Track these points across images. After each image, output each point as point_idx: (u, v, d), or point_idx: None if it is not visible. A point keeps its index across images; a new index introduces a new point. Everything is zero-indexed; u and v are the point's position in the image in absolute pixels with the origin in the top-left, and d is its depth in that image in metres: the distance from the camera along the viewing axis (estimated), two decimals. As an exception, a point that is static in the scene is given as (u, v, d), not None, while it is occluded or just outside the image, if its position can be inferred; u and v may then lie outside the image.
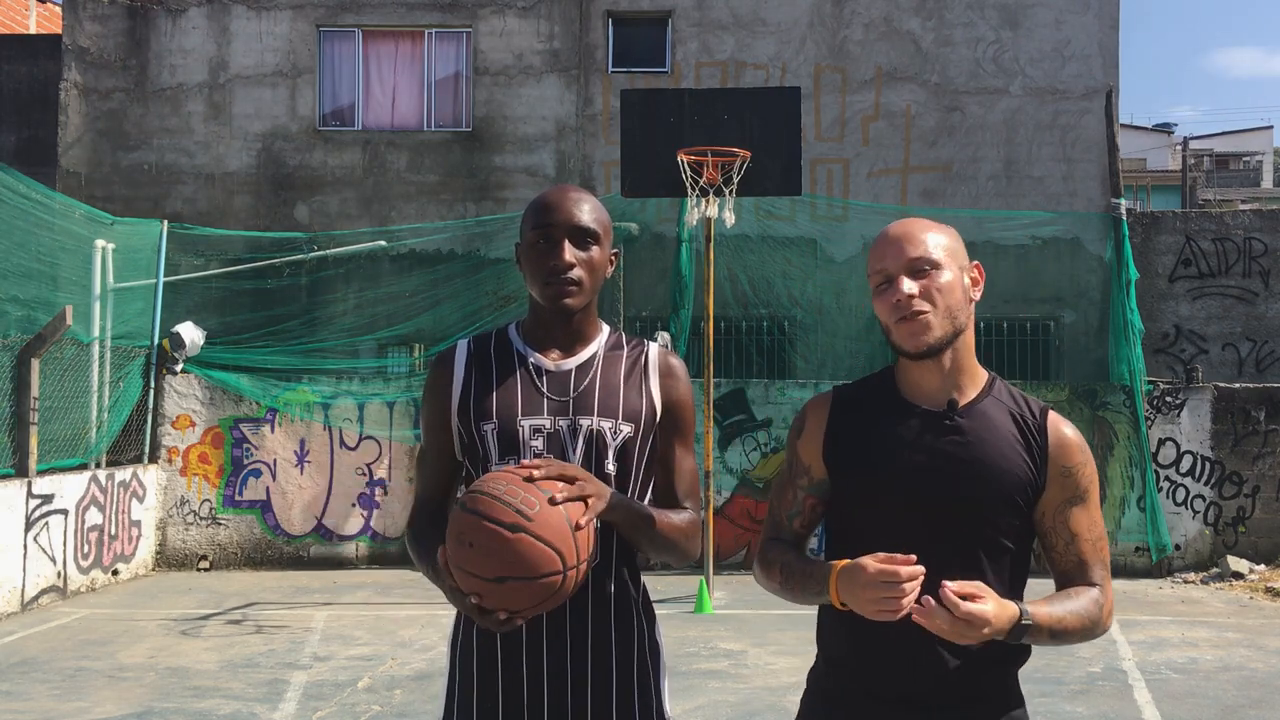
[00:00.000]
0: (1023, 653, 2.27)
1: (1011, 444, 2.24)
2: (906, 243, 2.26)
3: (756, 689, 7.18)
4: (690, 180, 9.63)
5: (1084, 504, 2.27)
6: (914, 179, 15.03)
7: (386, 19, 15.33)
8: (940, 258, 2.25)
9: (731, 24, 15.13)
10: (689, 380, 2.59)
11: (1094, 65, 15.01)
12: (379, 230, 14.21)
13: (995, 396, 2.30)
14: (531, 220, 2.50)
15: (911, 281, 2.22)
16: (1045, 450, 2.25)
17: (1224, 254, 14.83)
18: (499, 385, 2.49)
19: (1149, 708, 6.84)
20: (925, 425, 2.26)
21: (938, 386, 2.28)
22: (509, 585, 2.16)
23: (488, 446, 2.45)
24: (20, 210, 10.70)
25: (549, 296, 2.46)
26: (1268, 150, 47.08)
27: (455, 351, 2.56)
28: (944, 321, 2.23)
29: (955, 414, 2.26)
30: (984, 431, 2.24)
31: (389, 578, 11.58)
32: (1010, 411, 2.29)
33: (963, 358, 2.29)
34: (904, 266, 2.24)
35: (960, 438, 2.24)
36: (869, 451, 2.28)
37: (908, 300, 2.21)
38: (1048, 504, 2.26)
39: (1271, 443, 12.15)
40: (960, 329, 2.26)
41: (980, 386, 2.31)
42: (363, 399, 12.38)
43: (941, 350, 2.25)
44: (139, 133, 15.20)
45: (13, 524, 9.77)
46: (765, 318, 13.98)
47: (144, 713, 6.69)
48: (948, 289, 2.23)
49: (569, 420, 2.44)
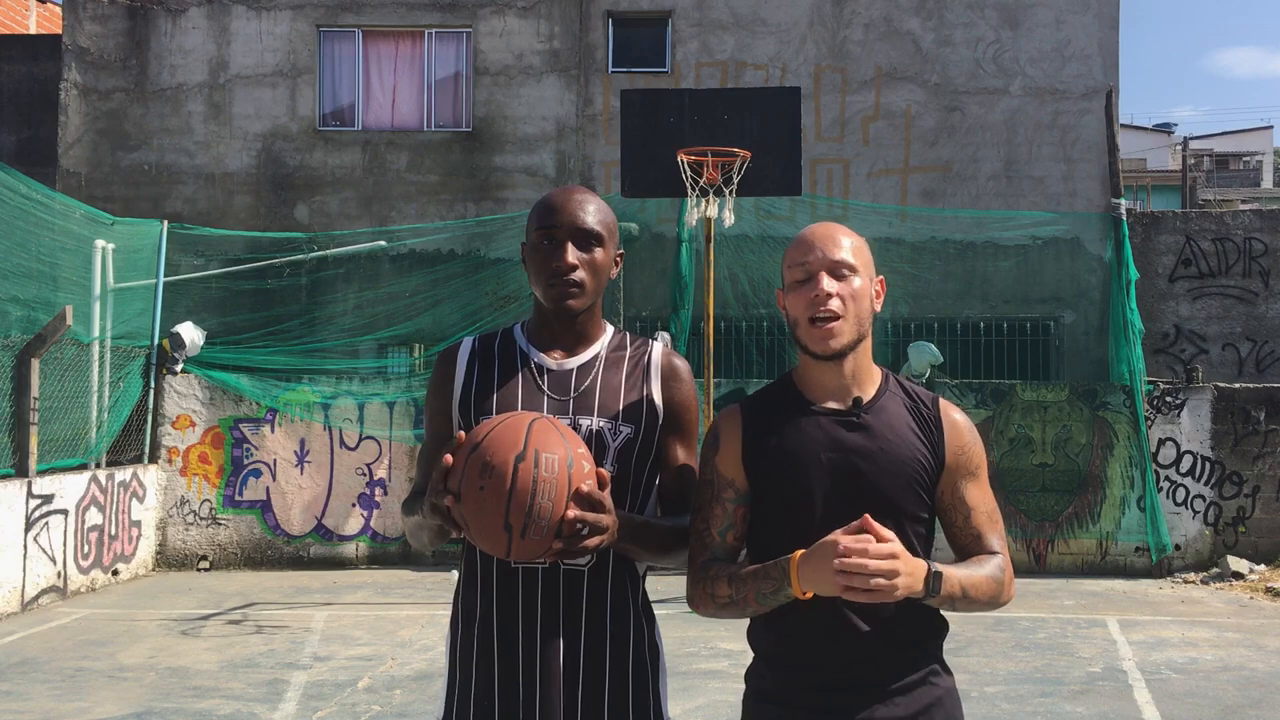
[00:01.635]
0: (942, 626, 2.41)
1: (912, 434, 2.39)
2: (831, 244, 2.40)
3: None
4: (690, 180, 9.63)
5: (976, 480, 2.43)
6: (914, 179, 15.03)
7: (386, 19, 15.33)
8: (858, 264, 2.40)
9: (731, 24, 15.13)
10: (693, 381, 2.59)
11: (1094, 65, 15.01)
12: (379, 230, 14.21)
13: (892, 392, 2.45)
14: (536, 221, 2.51)
15: (832, 280, 2.36)
16: (941, 435, 2.41)
17: (1224, 254, 14.83)
18: (500, 383, 2.50)
19: (1149, 708, 6.84)
20: (835, 424, 2.38)
21: (840, 386, 2.40)
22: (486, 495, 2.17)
23: None
24: (20, 210, 10.70)
25: (551, 297, 2.47)
26: (1268, 150, 47.09)
27: (459, 348, 2.59)
28: (852, 327, 2.38)
29: (861, 411, 2.39)
30: (888, 425, 2.39)
31: (389, 578, 11.58)
32: (905, 404, 2.43)
33: (862, 359, 2.43)
34: (826, 265, 2.37)
35: (869, 433, 2.37)
36: (786, 455, 2.38)
37: (825, 297, 2.34)
38: (945, 483, 2.41)
39: (1271, 443, 12.15)
40: (864, 335, 2.41)
41: (877, 384, 2.45)
42: (363, 399, 12.38)
43: (846, 354, 2.38)
44: (139, 133, 15.20)
45: (13, 524, 9.77)
46: (765, 318, 13.98)
47: (144, 713, 6.69)
48: (860, 295, 2.39)
49: (569, 419, 2.44)
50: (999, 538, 2.43)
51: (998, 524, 2.45)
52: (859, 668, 2.32)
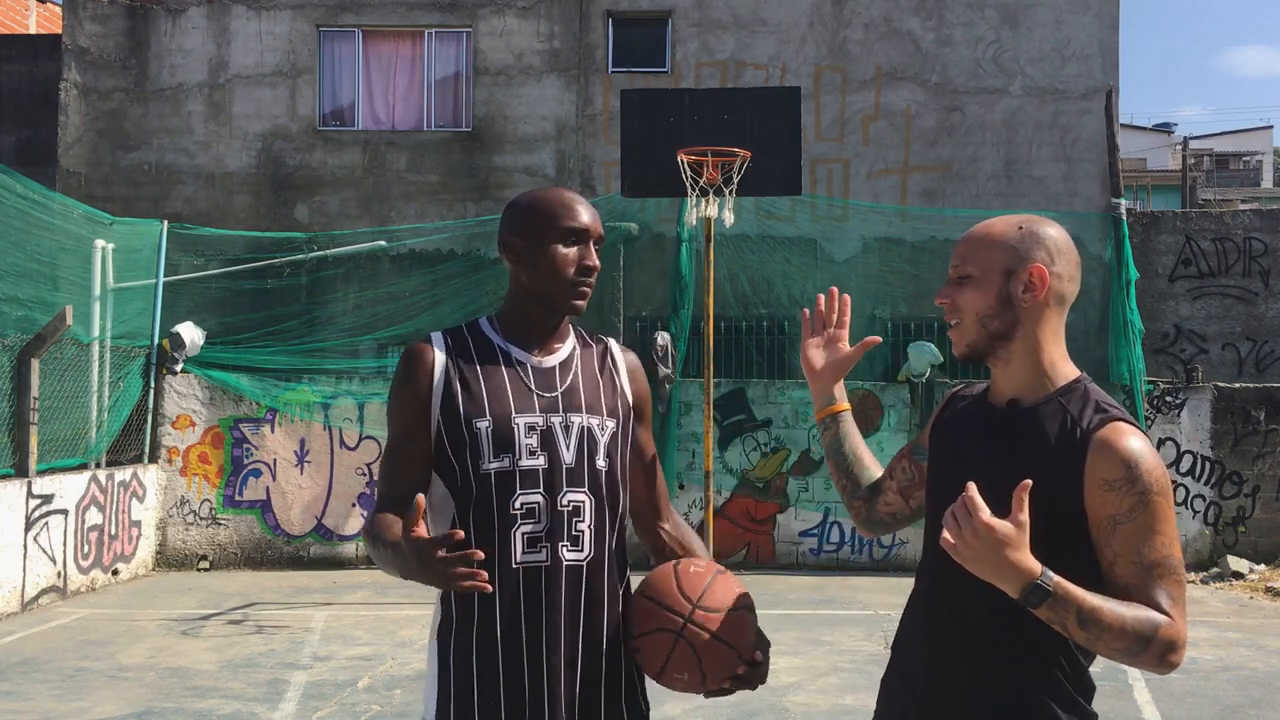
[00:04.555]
0: (1044, 667, 2.17)
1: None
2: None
3: (756, 689, 7.16)
4: (690, 180, 9.62)
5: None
6: (914, 179, 15.03)
7: (386, 19, 15.33)
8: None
9: (731, 24, 15.13)
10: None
11: (1094, 65, 15.01)
12: (379, 230, 14.21)
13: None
14: (557, 219, 2.51)
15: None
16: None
17: (1224, 254, 14.83)
18: (487, 381, 2.47)
19: (1149, 707, 6.84)
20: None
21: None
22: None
23: (480, 445, 2.42)
24: (20, 210, 10.70)
25: (571, 297, 2.50)
26: (1268, 150, 47.08)
27: (432, 344, 2.50)
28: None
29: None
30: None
31: (389, 578, 11.55)
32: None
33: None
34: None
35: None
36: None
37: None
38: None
39: (1271, 443, 12.15)
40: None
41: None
42: (363, 399, 12.38)
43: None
44: (139, 133, 15.20)
45: (13, 524, 9.77)
46: (765, 318, 13.98)
47: (144, 713, 6.69)
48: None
49: (561, 417, 2.47)
50: (1167, 598, 2.09)
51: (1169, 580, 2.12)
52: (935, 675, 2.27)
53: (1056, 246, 2.25)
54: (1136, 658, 2.05)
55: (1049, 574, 2.01)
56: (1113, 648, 2.04)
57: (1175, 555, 2.11)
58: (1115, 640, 2.03)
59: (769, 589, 10.76)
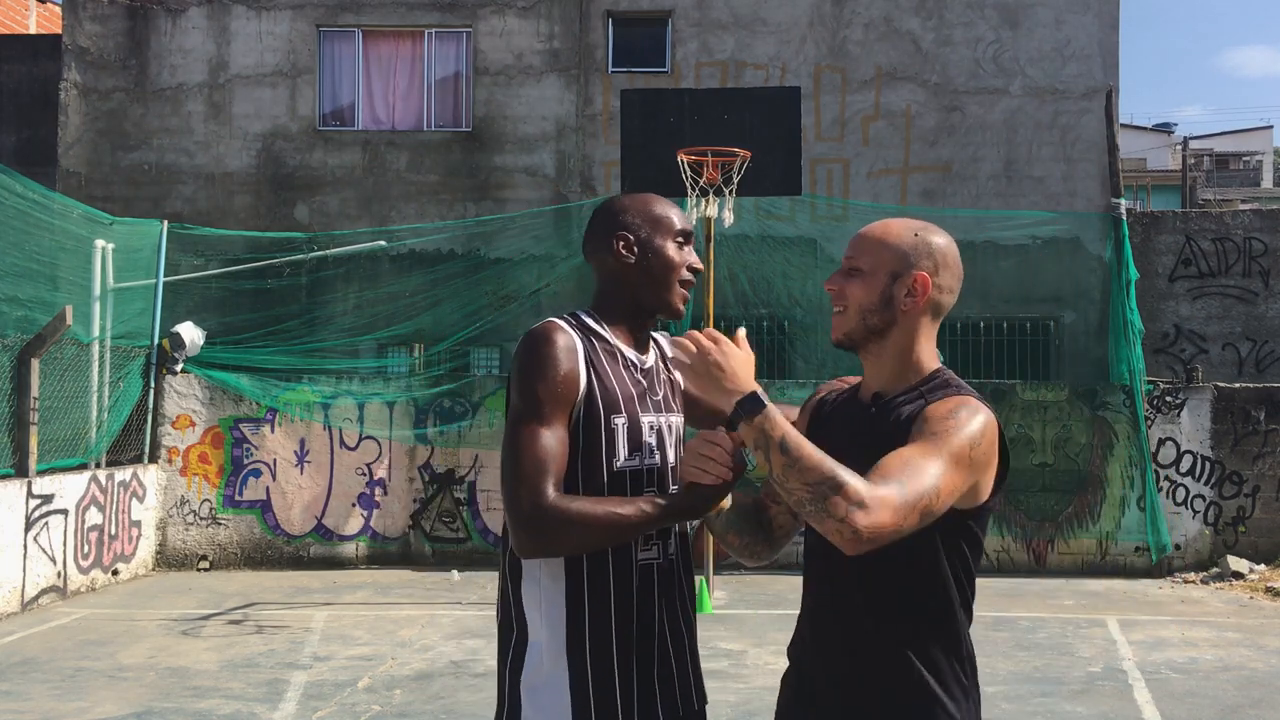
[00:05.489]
0: (929, 639, 2.28)
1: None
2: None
3: (756, 689, 7.17)
4: (690, 180, 9.63)
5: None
6: (914, 179, 15.03)
7: (386, 19, 15.33)
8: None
9: (731, 24, 15.13)
10: None
11: (1094, 65, 15.01)
12: (379, 230, 14.20)
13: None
14: (670, 219, 2.57)
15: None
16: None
17: (1224, 254, 14.83)
18: (615, 379, 2.47)
19: (1149, 707, 6.84)
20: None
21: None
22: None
23: (616, 442, 2.43)
24: (20, 210, 10.69)
25: (680, 298, 2.58)
26: (1268, 150, 47.08)
27: (571, 338, 2.43)
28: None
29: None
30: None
31: (389, 577, 11.58)
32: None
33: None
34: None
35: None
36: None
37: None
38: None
39: (1271, 443, 12.15)
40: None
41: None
42: (363, 399, 12.38)
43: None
44: (139, 133, 15.20)
45: (13, 524, 9.76)
46: (765, 318, 13.98)
47: (144, 713, 6.69)
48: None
49: (665, 418, 2.56)
50: (891, 480, 2.11)
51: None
52: (844, 666, 2.36)
53: (944, 258, 2.37)
54: (825, 503, 2.03)
55: (767, 396, 2.16)
56: (805, 483, 2.05)
57: (930, 473, 2.10)
58: (808, 475, 2.05)
59: (769, 589, 10.77)
